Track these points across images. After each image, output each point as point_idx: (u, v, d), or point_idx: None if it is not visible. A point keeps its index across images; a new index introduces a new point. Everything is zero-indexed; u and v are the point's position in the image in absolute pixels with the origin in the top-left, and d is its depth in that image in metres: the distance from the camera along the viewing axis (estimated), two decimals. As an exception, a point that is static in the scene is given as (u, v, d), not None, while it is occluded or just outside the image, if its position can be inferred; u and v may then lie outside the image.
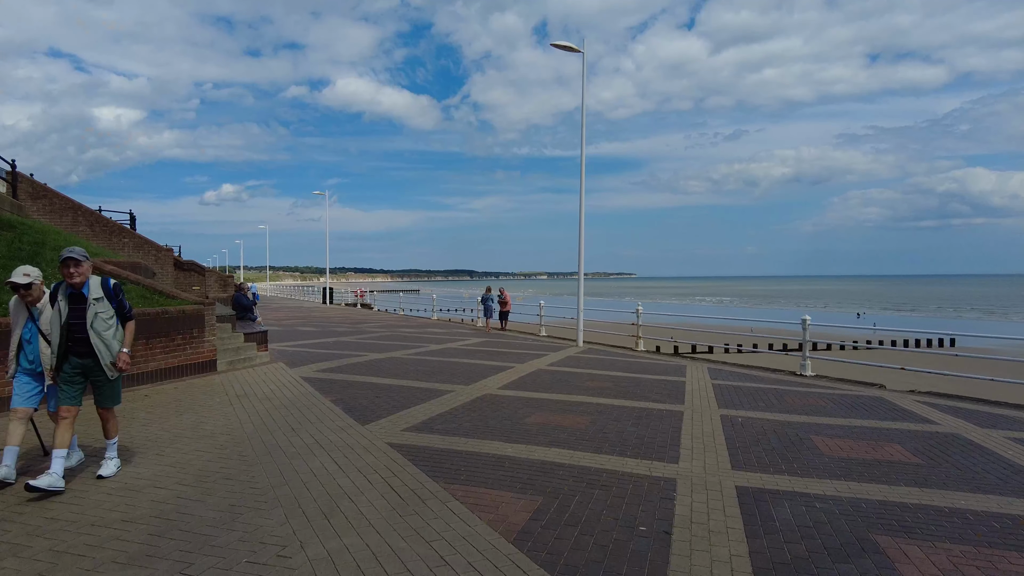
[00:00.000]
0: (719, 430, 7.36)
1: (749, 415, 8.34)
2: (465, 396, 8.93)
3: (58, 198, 17.18)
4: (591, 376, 11.44)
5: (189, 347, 9.95)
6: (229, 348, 11.27)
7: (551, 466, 5.57)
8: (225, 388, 9.08)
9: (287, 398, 8.45)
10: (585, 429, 7.08)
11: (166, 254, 18.46)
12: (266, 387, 9.26)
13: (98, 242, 17.48)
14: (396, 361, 12.64)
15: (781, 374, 13.19)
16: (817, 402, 9.54)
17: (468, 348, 15.98)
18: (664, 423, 7.61)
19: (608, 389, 10.02)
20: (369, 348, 15.07)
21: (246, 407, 7.80)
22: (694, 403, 9.09)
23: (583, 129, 17.84)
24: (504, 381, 10.47)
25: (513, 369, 12.00)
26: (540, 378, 10.98)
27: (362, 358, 12.94)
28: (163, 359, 9.43)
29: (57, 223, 17.05)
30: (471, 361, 13.06)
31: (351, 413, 7.55)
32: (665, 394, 9.76)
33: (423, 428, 6.87)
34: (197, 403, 7.99)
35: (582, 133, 17.83)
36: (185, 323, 9.85)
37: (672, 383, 10.95)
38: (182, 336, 9.80)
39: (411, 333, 20.27)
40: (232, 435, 6.42)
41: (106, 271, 10.72)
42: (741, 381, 11.65)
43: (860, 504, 4.86)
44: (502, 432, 6.80)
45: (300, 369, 11.11)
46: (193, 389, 8.94)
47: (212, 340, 10.44)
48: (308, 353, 13.61)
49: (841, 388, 11.19)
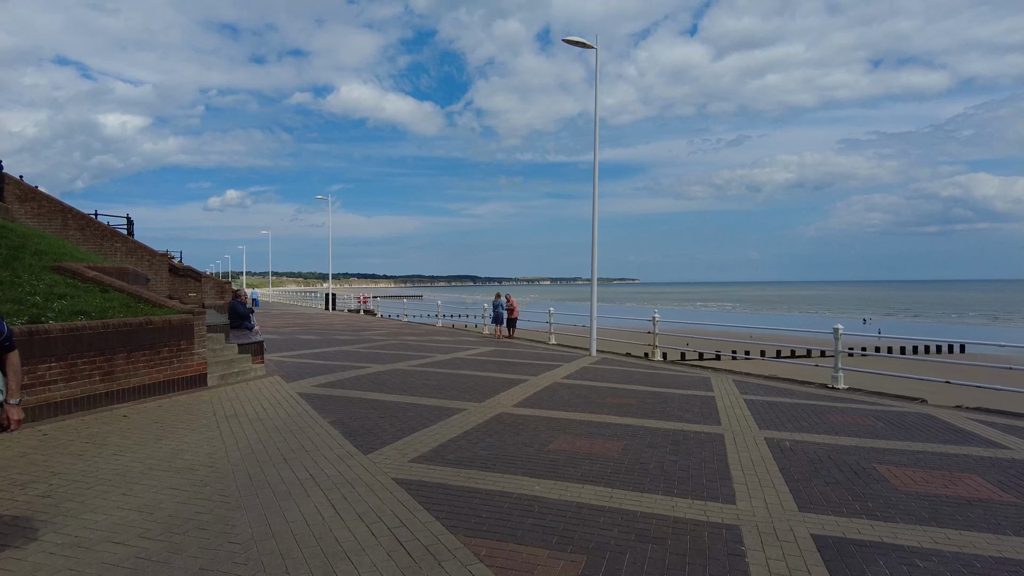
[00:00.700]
0: (768, 457, 6.49)
1: (796, 438, 7.46)
2: (478, 416, 8.07)
3: (48, 201, 16.41)
4: (612, 391, 10.57)
5: (176, 360, 9.11)
6: (221, 360, 10.43)
7: (589, 511, 4.69)
8: (214, 407, 8.23)
9: (281, 419, 7.59)
10: (619, 458, 6.21)
11: (160, 259, 17.66)
12: (259, 405, 8.40)
13: (89, 246, 16.70)
14: (401, 374, 11.78)
15: (812, 387, 12.30)
16: (863, 421, 8.66)
17: (477, 358, 15.12)
18: (706, 449, 6.73)
19: (633, 407, 9.15)
20: (372, 359, 14.23)
21: (235, 430, 6.94)
22: (732, 423, 8.21)
23: (596, 127, 17.02)
24: (519, 397, 9.61)
25: (527, 383, 11.13)
26: (557, 394, 10.11)
27: (364, 370, 12.09)
28: (146, 374, 8.59)
29: (46, 227, 16.27)
30: (481, 373, 12.20)
31: (352, 438, 6.69)
32: (697, 413, 8.88)
33: (434, 458, 6.00)
34: (180, 425, 7.14)
35: (595, 131, 17.01)
36: (172, 334, 9.01)
37: (701, 399, 10.07)
38: (168, 348, 8.96)
39: (416, 342, 19.42)
40: (215, 467, 5.56)
41: (87, 277, 9.91)
42: (773, 396, 10.78)
43: (973, 563, 3.98)
44: (525, 463, 5.93)
45: (298, 384, 10.26)
46: (178, 408, 8.09)
47: (202, 352, 9.60)
48: (307, 365, 12.76)
49: (882, 403, 10.31)
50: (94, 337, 7.77)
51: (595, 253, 17.30)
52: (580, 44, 16.50)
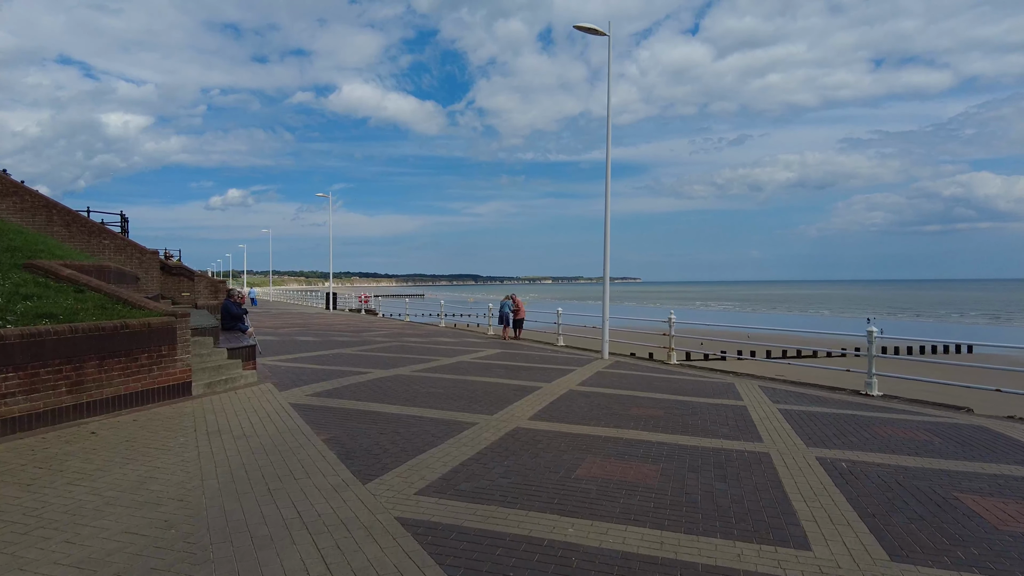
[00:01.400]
0: (828, 483, 5.62)
1: (849, 457, 6.60)
2: (491, 432, 7.20)
3: (30, 195, 15.55)
4: (634, 400, 9.69)
5: (156, 368, 8.25)
6: (208, 367, 9.57)
7: (641, 563, 3.81)
8: (196, 421, 7.36)
9: (270, 436, 6.72)
10: (660, 487, 5.34)
11: (151, 257, 16.80)
12: (246, 419, 7.53)
13: (75, 243, 15.84)
14: (404, 380, 10.91)
15: (844, 393, 11.43)
16: (916, 435, 7.79)
17: (484, 362, 14.26)
18: (756, 474, 5.86)
19: (661, 419, 8.28)
20: (373, 363, 13.36)
21: (215, 451, 6.08)
22: (774, 439, 7.34)
23: (608, 118, 16.13)
24: (534, 408, 8.74)
25: (541, 390, 10.26)
26: (575, 403, 9.24)
27: (364, 376, 11.22)
28: (122, 383, 7.72)
29: (29, 223, 15.41)
30: (490, 380, 11.33)
31: (349, 461, 5.82)
32: (733, 426, 8.01)
33: (444, 488, 5.12)
34: (154, 445, 6.27)
35: (607, 122, 16.12)
36: (151, 339, 8.15)
37: (732, 409, 9.20)
38: (147, 355, 8.09)
39: (418, 343, 18.55)
40: (185, 500, 4.69)
41: (62, 276, 9.06)
42: (807, 404, 9.91)
43: None
44: (552, 494, 5.06)
45: (291, 392, 9.39)
46: (156, 422, 7.22)
47: (186, 359, 8.74)
48: (303, 370, 11.90)
49: (925, 414, 9.44)
50: (60, 343, 6.91)
51: (607, 252, 16.42)
52: (591, 31, 15.63)
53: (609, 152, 16.15)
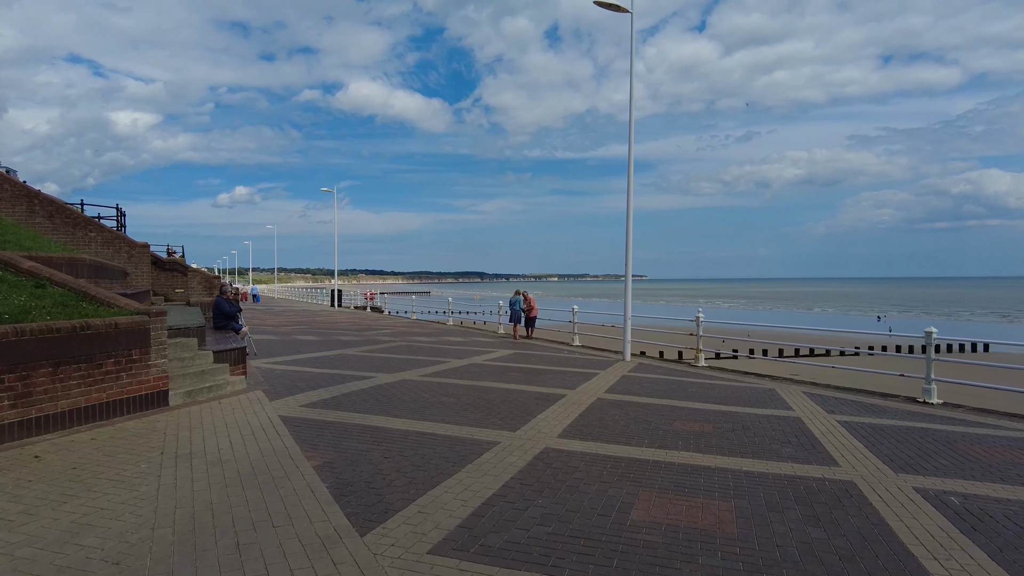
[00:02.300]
0: (952, 531, 4.41)
1: (954, 488, 5.41)
2: (516, 454, 6.02)
3: (10, 184, 14.47)
4: (673, 411, 8.50)
5: (125, 375, 7.11)
6: (191, 372, 8.43)
7: None
8: (166, 439, 6.22)
9: (251, 462, 5.57)
10: (743, 537, 4.15)
11: (141, 251, 15.70)
12: (226, 437, 6.38)
13: (59, 236, 14.77)
14: (411, 387, 9.76)
15: (899, 400, 10.21)
16: (1016, 456, 6.58)
17: (498, 364, 13.09)
18: (852, 514, 4.66)
19: (710, 436, 7.09)
20: (377, 365, 12.22)
21: (180, 483, 4.93)
22: (852, 462, 6.14)
23: (631, 104, 14.90)
24: (562, 421, 7.56)
25: (565, 399, 9.09)
26: (608, 415, 8.06)
27: (367, 382, 10.07)
28: (81, 394, 6.58)
29: (8, 213, 14.34)
30: (507, 386, 10.16)
31: (344, 499, 4.64)
32: (796, 444, 6.81)
33: (467, 542, 3.94)
34: (107, 474, 5.13)
35: (630, 107, 14.89)
36: (119, 341, 7.01)
37: (786, 422, 8.01)
38: (114, 360, 6.95)
39: (426, 343, 17.41)
40: (123, 565, 3.53)
41: (23, 269, 7.94)
42: (865, 415, 8.72)
43: None
44: (608, 551, 3.86)
45: (283, 402, 8.24)
46: (118, 442, 6.09)
47: (162, 363, 7.60)
48: (300, 375, 10.75)
49: (1005, 427, 8.23)
50: (1, 347, 5.78)
51: (629, 247, 15.21)
52: (613, 7, 14.41)
53: (632, 138, 14.94)
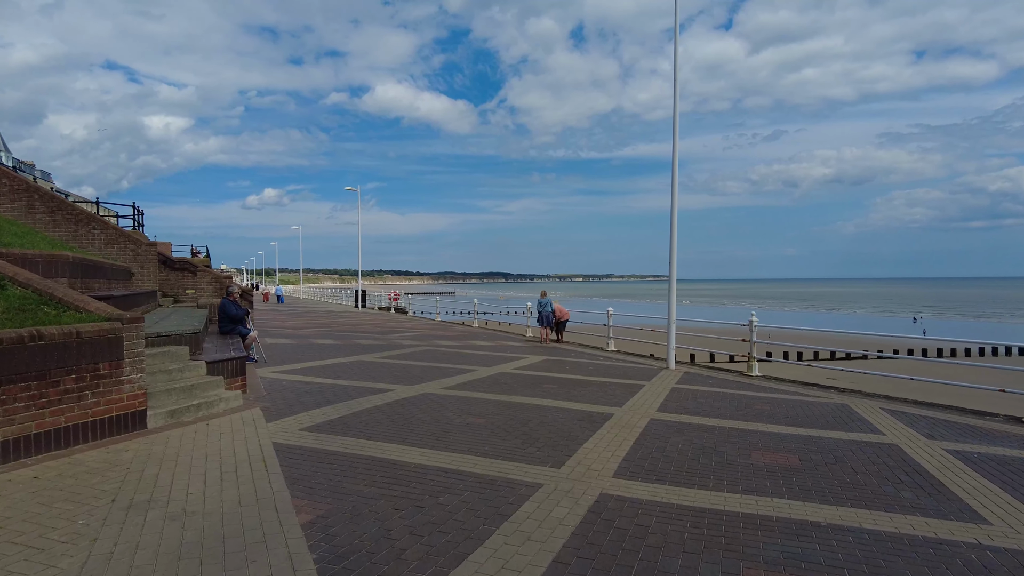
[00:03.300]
0: None
1: None
2: (565, 505, 4.67)
3: (9, 179, 13.58)
4: (744, 437, 7.05)
5: (90, 393, 5.93)
6: (177, 387, 7.23)
7: None
8: (126, 478, 4.99)
9: (222, 515, 4.30)
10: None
11: (147, 250, 14.72)
12: (201, 475, 5.14)
13: (59, 233, 13.84)
14: (433, 403, 8.46)
15: (1001, 421, 8.61)
16: None
17: (529, 373, 11.73)
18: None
19: (800, 472, 5.66)
20: (397, 375, 10.97)
21: (119, 552, 3.68)
22: (1002, 516, 4.66)
23: (675, 85, 13.41)
24: (615, 452, 6.19)
25: (613, 420, 7.70)
26: (669, 443, 6.65)
27: (384, 396, 8.81)
28: (31, 418, 5.40)
29: (7, 209, 13.45)
30: (543, 401, 8.80)
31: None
32: (912, 485, 5.34)
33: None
34: (27, 534, 3.90)
35: (674, 91, 13.41)
36: (82, 353, 5.83)
37: (883, 451, 6.52)
38: (75, 375, 5.77)
39: (451, 348, 16.14)
40: None
41: (-17, 267, 6.81)
42: (977, 442, 7.17)
43: None
44: None
45: (281, 424, 7.00)
46: (65, 481, 4.88)
47: (138, 379, 6.41)
48: (308, 387, 9.54)
49: None
50: (-80, 364, 4.62)
51: (674, 245, 13.73)
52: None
53: (676, 126, 13.46)
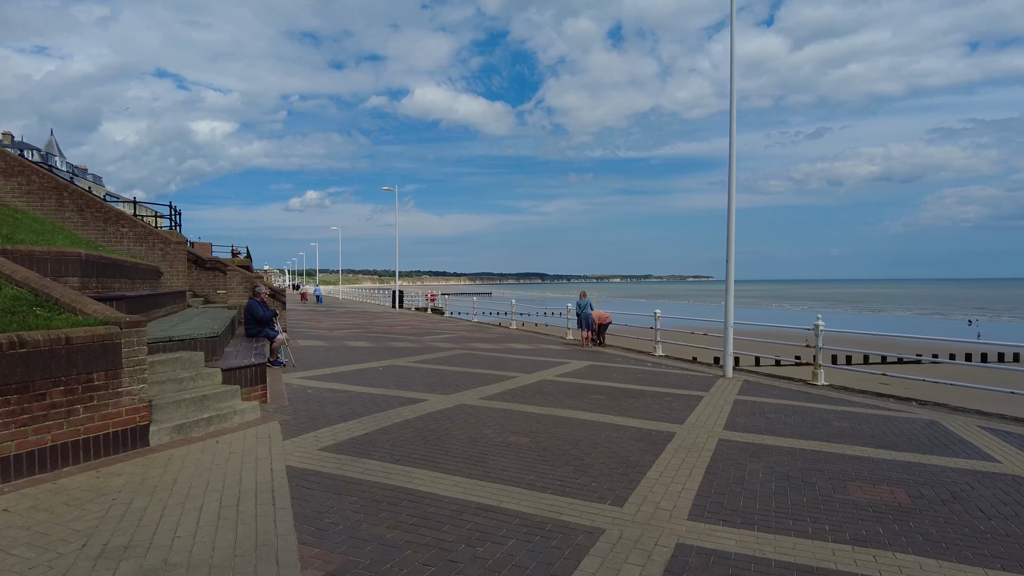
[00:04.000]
0: None
1: None
2: (635, 562, 3.69)
3: (39, 176, 13.26)
4: (831, 461, 5.95)
5: (82, 408, 5.22)
6: (187, 399, 6.51)
7: None
8: (108, 513, 4.22)
9: (210, 566, 3.47)
10: None
11: (176, 248, 14.26)
12: (196, 509, 4.34)
13: (87, 231, 13.47)
14: (471, 416, 7.57)
15: None
16: None
17: (573, 382, 10.76)
18: None
19: (915, 514, 4.56)
20: (431, 382, 10.14)
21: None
22: None
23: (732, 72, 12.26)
24: (684, 484, 5.18)
25: (676, 440, 6.68)
26: (746, 471, 5.61)
27: (415, 408, 7.96)
28: (10, 437, 4.69)
29: (37, 207, 13.13)
30: (593, 416, 7.81)
31: None
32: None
33: None
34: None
35: (731, 82, 12.26)
36: (72, 362, 5.12)
37: (1005, 483, 5.36)
38: (63, 388, 5.07)
39: (488, 352, 15.27)
40: None
41: (-21, 265, 6.20)
42: None
43: None
44: None
45: (300, 441, 6.20)
46: (37, 516, 4.14)
47: (139, 390, 5.69)
48: (336, 396, 8.78)
49: None
50: None
51: (731, 243, 12.58)
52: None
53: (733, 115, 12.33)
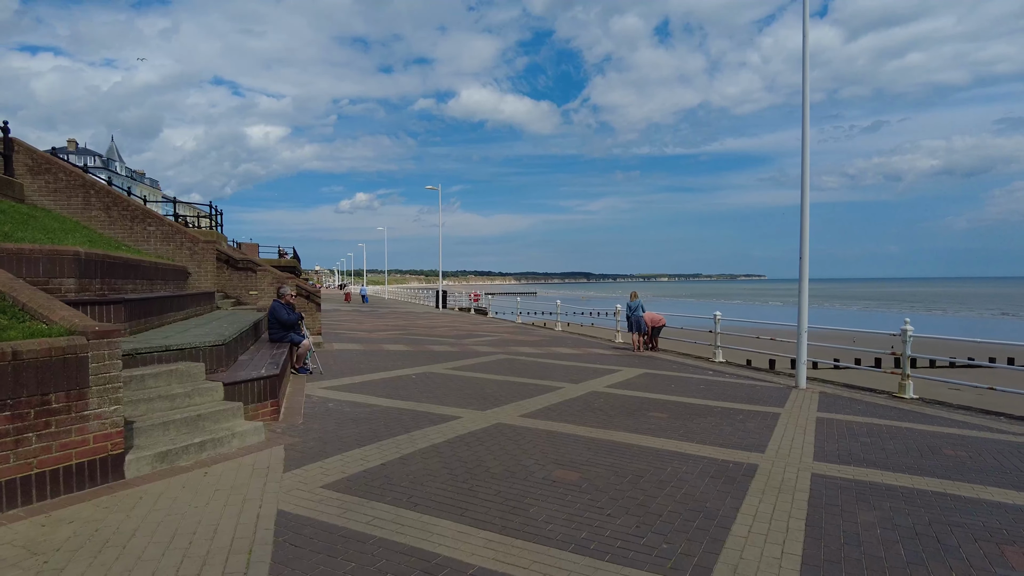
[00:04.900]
0: None
1: None
2: None
3: (66, 173, 12.79)
4: (961, 509, 4.56)
5: (35, 436, 4.31)
6: (177, 420, 5.58)
7: None
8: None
9: None
10: None
11: (205, 247, 13.62)
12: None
13: (113, 230, 12.94)
14: (508, 440, 6.43)
15: None
16: None
17: (627, 394, 9.50)
18: None
19: None
20: (467, 394, 9.06)
21: None
22: None
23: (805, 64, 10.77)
24: (786, 549, 3.91)
25: (762, 478, 5.39)
26: (861, 527, 4.29)
27: (445, 428, 6.87)
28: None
29: (64, 206, 12.67)
30: (654, 443, 6.56)
31: None
32: None
33: None
34: None
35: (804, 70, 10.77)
36: (21, 381, 4.22)
37: None
38: (8, 414, 4.16)
39: (532, 357, 14.13)
40: None
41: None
42: None
43: None
44: None
45: (303, 474, 5.19)
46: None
47: (111, 413, 4.76)
48: (357, 411, 7.77)
49: None
50: None
51: (806, 236, 11.08)
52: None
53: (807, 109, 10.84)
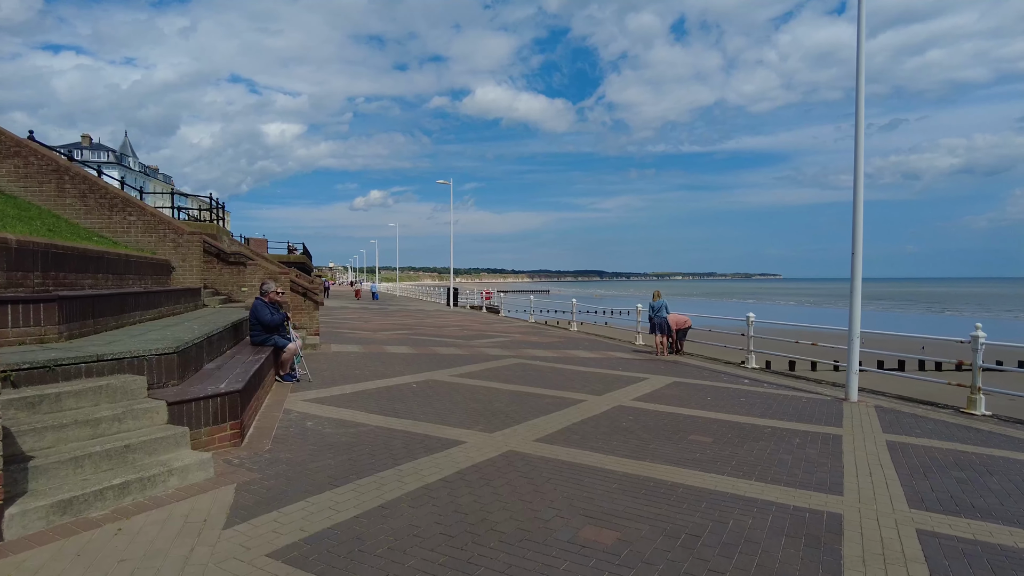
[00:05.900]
0: None
1: None
2: None
3: (37, 157, 11.67)
4: None
5: None
6: (97, 453, 4.35)
7: None
8: None
9: None
10: None
11: (189, 240, 12.46)
12: None
13: (90, 219, 11.81)
14: (522, 478, 5.13)
15: None
16: None
17: (659, 409, 8.17)
18: None
19: None
20: (473, 409, 7.78)
21: None
22: None
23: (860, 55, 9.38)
24: None
25: (852, 537, 4.05)
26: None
27: (442, 459, 5.59)
28: None
29: (35, 192, 11.55)
30: (702, 479, 5.23)
31: None
32: None
33: None
34: None
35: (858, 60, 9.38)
36: None
37: None
38: None
39: (546, 362, 12.83)
40: None
41: None
42: None
43: None
44: None
45: (249, 530, 3.92)
46: None
47: (-13, 452, 3.55)
48: (340, 432, 6.52)
49: None
50: None
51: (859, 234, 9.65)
52: None
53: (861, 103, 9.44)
